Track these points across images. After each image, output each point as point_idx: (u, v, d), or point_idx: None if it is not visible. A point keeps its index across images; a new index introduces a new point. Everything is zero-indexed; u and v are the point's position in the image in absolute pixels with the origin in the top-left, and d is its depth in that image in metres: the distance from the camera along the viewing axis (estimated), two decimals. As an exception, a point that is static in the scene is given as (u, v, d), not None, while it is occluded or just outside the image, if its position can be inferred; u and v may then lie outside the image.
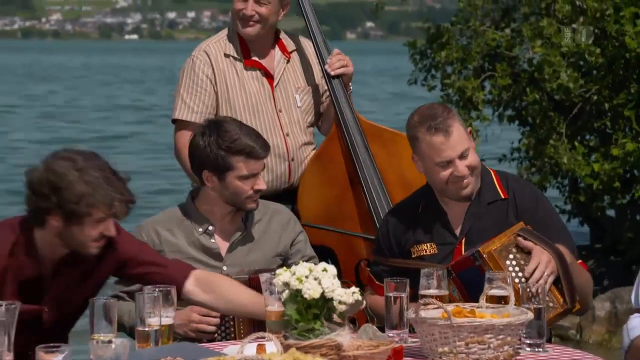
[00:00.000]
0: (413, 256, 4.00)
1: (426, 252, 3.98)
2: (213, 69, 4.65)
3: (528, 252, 3.75)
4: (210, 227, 4.10)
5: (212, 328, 3.91)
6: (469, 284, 3.70)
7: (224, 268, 4.07)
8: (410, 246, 4.02)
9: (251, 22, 4.63)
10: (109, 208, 3.50)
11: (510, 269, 3.66)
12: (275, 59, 4.75)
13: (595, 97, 9.13)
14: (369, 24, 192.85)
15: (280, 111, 4.70)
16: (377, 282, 4.06)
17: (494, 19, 9.99)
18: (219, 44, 4.71)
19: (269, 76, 4.71)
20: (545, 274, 3.69)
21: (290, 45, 4.81)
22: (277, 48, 4.77)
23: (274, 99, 4.70)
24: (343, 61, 4.73)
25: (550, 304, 3.70)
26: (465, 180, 3.94)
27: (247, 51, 4.70)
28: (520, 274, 3.65)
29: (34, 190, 3.50)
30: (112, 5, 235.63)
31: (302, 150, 4.74)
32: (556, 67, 8.92)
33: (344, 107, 4.72)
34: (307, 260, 4.04)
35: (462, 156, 3.92)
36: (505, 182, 4.04)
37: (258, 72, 4.70)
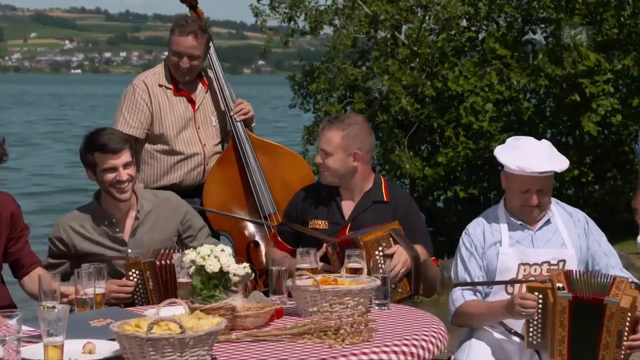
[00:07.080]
0: (309, 227, 3.91)
1: (319, 226, 3.89)
2: (149, 95, 4.58)
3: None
4: (114, 220, 3.90)
5: (127, 296, 3.74)
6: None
7: (129, 251, 3.89)
8: (309, 218, 3.92)
9: (185, 72, 4.58)
10: None
11: (377, 257, 3.55)
12: (197, 89, 4.71)
13: (427, 119, 9.29)
14: (260, 62, 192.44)
15: (198, 128, 4.66)
16: (279, 239, 3.99)
17: (353, 59, 10.07)
18: (154, 77, 4.64)
19: (192, 102, 4.68)
20: (401, 270, 3.68)
21: (208, 79, 4.76)
22: (198, 81, 4.71)
23: (194, 119, 4.65)
24: (245, 109, 4.70)
25: (399, 290, 3.70)
26: (321, 170, 3.91)
27: (176, 83, 4.66)
28: (383, 262, 3.48)
29: None
30: (61, 47, 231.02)
31: (214, 158, 4.71)
32: (398, 95, 9.04)
33: (238, 126, 4.71)
34: (199, 230, 3.97)
35: (325, 153, 3.87)
36: (391, 190, 3.96)
37: (184, 98, 4.66)
